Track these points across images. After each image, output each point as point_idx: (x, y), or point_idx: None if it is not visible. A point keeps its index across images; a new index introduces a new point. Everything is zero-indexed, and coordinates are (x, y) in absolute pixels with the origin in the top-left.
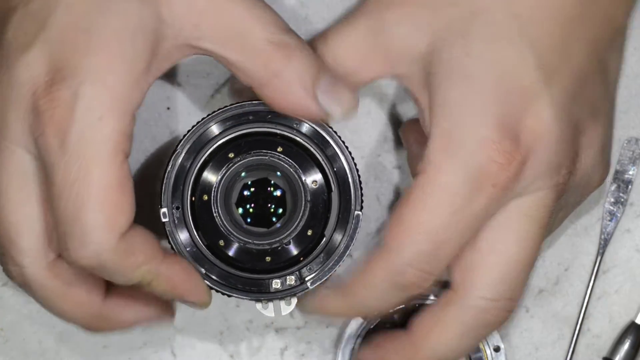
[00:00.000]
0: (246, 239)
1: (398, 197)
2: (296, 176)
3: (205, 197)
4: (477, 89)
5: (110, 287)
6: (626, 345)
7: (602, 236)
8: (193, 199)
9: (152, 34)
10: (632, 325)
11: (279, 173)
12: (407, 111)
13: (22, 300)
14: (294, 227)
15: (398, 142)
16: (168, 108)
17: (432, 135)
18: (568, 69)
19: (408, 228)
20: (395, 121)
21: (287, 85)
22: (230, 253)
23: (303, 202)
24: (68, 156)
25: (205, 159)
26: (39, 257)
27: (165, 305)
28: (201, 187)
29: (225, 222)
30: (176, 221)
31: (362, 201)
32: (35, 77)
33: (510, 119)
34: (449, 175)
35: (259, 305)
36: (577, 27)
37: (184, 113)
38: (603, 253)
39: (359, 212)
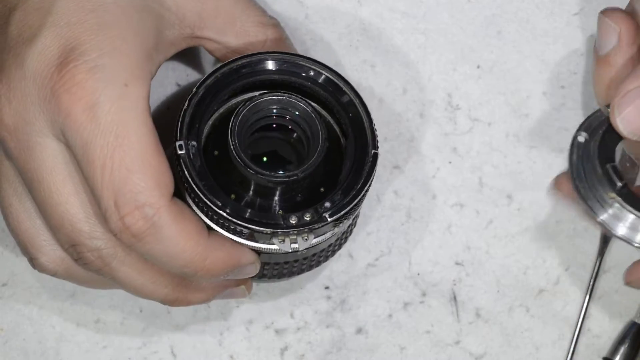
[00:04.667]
0: (263, 171)
1: (397, 197)
2: (312, 116)
3: (217, 152)
4: None
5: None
6: (626, 345)
7: (602, 236)
8: (207, 146)
9: (157, 16)
10: (632, 325)
11: (297, 112)
12: (407, 111)
13: (22, 300)
14: (311, 162)
15: (398, 142)
16: (168, 108)
17: None
18: None
19: None
20: (395, 121)
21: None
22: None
23: (321, 140)
24: (102, 126)
25: (221, 109)
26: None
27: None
28: (215, 138)
29: (242, 157)
30: (192, 156)
31: (377, 142)
32: (49, 63)
33: None
34: None
35: (275, 240)
36: None
37: None
38: (603, 253)
39: (376, 151)
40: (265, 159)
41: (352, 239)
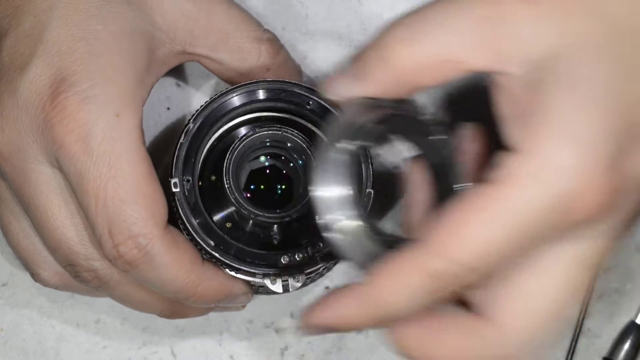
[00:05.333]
0: (257, 212)
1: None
2: (308, 152)
3: (214, 177)
4: (602, 115)
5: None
6: (626, 345)
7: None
8: (204, 171)
9: (148, 37)
10: (632, 325)
11: (292, 147)
12: None
13: (22, 300)
14: (304, 203)
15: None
16: (168, 108)
17: (523, 147)
18: None
19: (466, 233)
20: None
21: (281, 74)
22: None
23: None
24: (95, 158)
25: (219, 132)
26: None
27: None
28: (212, 161)
29: (236, 196)
30: (186, 192)
31: (373, 179)
32: (40, 92)
33: (621, 161)
34: (533, 195)
35: (267, 281)
36: None
37: (184, 113)
38: None
39: (370, 190)
40: (262, 186)
41: None
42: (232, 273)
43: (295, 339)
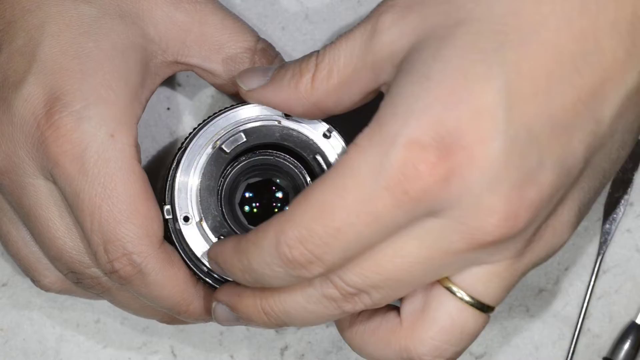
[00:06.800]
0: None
1: None
2: (300, 177)
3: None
4: (428, 89)
5: None
6: (626, 345)
7: (602, 236)
8: None
9: (141, 50)
10: (633, 325)
11: (285, 172)
12: None
13: (22, 300)
14: None
15: None
16: (168, 108)
17: (370, 123)
18: (539, 107)
19: (310, 201)
20: None
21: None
22: None
23: None
24: (90, 178)
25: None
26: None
27: None
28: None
29: (229, 221)
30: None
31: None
32: (35, 111)
33: (450, 131)
34: (365, 162)
35: None
36: (570, 67)
37: (184, 113)
38: (603, 253)
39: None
40: (255, 209)
41: None
42: None
43: (295, 339)
